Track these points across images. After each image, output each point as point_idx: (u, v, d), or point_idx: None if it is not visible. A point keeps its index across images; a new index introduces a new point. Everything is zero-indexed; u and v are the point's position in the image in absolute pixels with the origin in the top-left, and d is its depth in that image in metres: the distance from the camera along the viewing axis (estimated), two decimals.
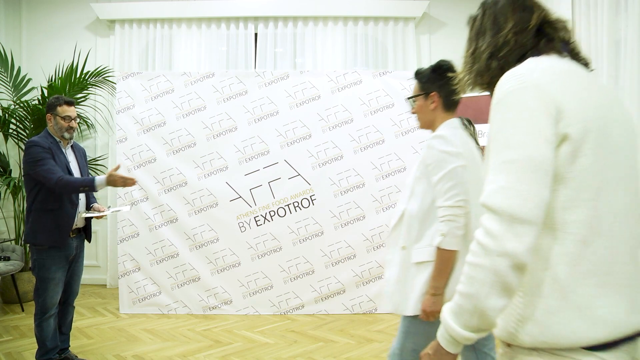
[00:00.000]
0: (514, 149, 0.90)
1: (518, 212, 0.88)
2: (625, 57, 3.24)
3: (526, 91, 0.92)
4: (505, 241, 0.88)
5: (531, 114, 0.91)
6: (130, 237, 4.11)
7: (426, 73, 1.97)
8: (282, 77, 4.18)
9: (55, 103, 2.79)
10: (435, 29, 5.14)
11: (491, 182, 0.92)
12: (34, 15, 5.14)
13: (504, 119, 0.93)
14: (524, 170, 0.89)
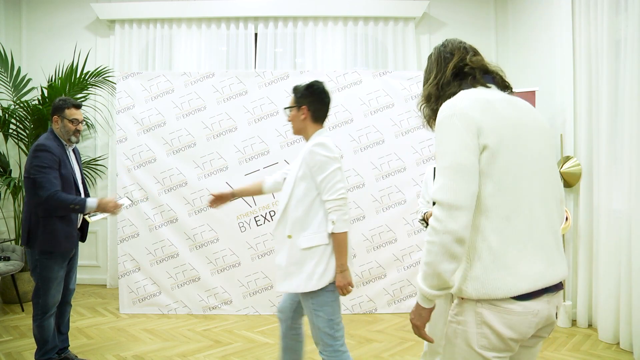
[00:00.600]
0: (447, 158, 1.25)
1: (453, 202, 1.22)
2: (625, 57, 3.24)
3: (455, 117, 1.26)
4: (447, 223, 1.22)
5: (458, 132, 1.25)
6: (130, 237, 4.11)
7: (301, 89, 2.24)
8: (282, 77, 4.18)
9: (63, 105, 2.77)
10: (435, 29, 5.14)
11: (436, 182, 1.27)
12: (34, 15, 5.14)
13: (441, 136, 1.28)
14: (454, 172, 1.23)
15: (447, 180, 1.23)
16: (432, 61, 1.47)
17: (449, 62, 1.42)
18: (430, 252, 1.25)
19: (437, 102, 1.40)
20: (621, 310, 3.24)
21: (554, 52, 4.05)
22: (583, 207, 3.69)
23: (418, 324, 1.36)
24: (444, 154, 1.26)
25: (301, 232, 2.12)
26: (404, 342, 3.47)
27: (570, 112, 3.81)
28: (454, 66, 1.40)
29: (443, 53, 1.45)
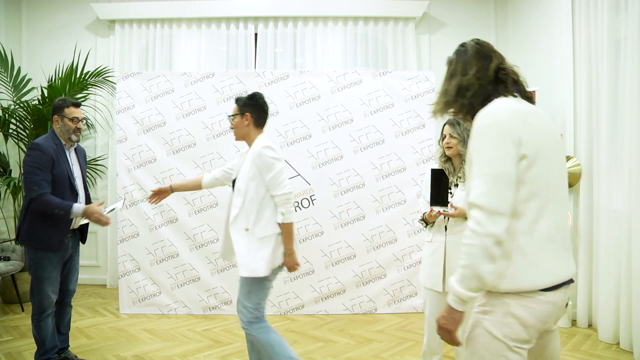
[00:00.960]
0: (490, 166, 1.34)
1: (496, 208, 1.32)
2: (625, 57, 3.24)
3: (497, 126, 1.35)
4: (489, 226, 1.31)
5: (501, 142, 1.34)
6: (130, 237, 4.11)
7: (244, 99, 2.56)
8: (282, 77, 4.18)
9: (62, 105, 2.77)
10: (435, 29, 5.14)
11: (476, 187, 1.34)
12: (34, 15, 5.14)
13: (483, 143, 1.36)
14: (497, 180, 1.33)
15: (491, 187, 1.32)
16: (470, 55, 1.49)
17: (491, 62, 1.47)
18: (471, 255, 1.33)
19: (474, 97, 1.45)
20: (621, 310, 3.24)
21: (554, 52, 4.05)
22: (583, 207, 3.68)
23: (451, 328, 1.39)
24: (487, 162, 1.34)
25: (256, 224, 2.45)
26: (404, 342, 3.47)
27: (570, 112, 3.81)
28: (496, 67, 1.46)
29: (481, 51, 1.49)
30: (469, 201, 1.36)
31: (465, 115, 1.52)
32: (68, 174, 2.76)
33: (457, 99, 1.48)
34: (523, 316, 1.37)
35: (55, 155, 2.69)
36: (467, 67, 1.48)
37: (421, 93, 4.15)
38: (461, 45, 1.55)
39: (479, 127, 1.37)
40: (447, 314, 1.39)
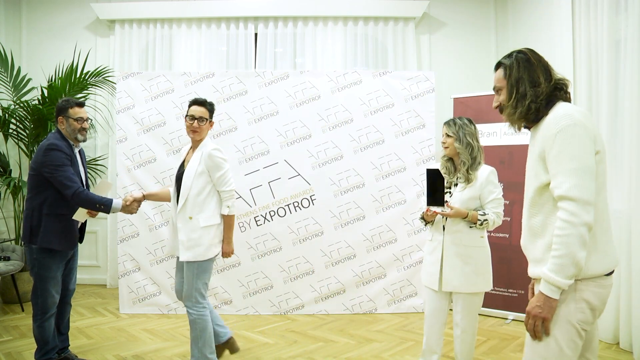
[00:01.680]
0: (577, 161, 1.46)
1: (587, 199, 1.44)
2: (625, 57, 3.24)
3: (577, 126, 1.48)
4: (583, 216, 1.44)
5: (583, 140, 1.47)
6: (130, 237, 4.11)
7: (213, 106, 2.92)
8: (282, 77, 4.18)
9: (66, 105, 2.79)
10: (435, 29, 5.14)
11: (564, 181, 1.46)
12: (34, 15, 5.14)
13: (566, 142, 1.47)
14: (585, 173, 1.45)
15: (580, 180, 1.44)
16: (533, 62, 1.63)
17: (551, 71, 1.64)
18: (568, 244, 1.44)
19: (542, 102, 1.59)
20: (621, 310, 3.24)
21: (554, 52, 4.04)
22: None
23: (548, 316, 1.49)
24: (572, 158, 1.46)
25: (200, 214, 2.73)
26: (404, 342, 3.47)
27: None
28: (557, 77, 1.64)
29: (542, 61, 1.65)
30: (557, 195, 1.47)
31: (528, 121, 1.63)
32: (79, 173, 2.82)
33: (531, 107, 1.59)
34: (593, 300, 1.50)
35: (70, 155, 2.75)
36: (535, 77, 1.61)
37: (421, 93, 4.15)
38: (518, 52, 1.67)
39: (560, 128, 1.48)
40: (543, 303, 1.48)
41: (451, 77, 4.98)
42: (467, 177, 2.49)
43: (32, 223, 2.72)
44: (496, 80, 1.69)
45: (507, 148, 4.02)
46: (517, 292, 3.92)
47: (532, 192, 1.59)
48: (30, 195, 2.75)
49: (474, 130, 2.56)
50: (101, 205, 2.71)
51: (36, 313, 2.76)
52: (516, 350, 3.29)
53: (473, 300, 2.48)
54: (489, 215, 2.43)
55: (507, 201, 4.01)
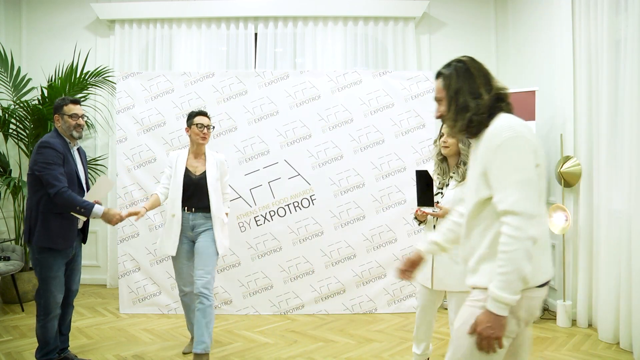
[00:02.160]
0: (520, 173, 1.42)
1: (531, 212, 1.41)
2: (625, 57, 3.23)
3: (518, 138, 1.44)
4: (528, 230, 1.39)
5: (526, 152, 1.44)
6: (130, 237, 4.11)
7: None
8: (282, 77, 4.18)
9: (61, 103, 2.82)
10: (435, 29, 5.14)
11: (509, 195, 1.41)
12: (34, 15, 5.14)
13: (509, 155, 1.43)
14: (528, 186, 1.42)
15: (524, 193, 1.41)
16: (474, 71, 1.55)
17: (492, 80, 1.55)
18: (514, 260, 1.39)
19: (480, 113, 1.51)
20: (621, 310, 3.24)
21: (554, 52, 4.04)
22: (583, 207, 3.69)
23: (500, 334, 1.43)
24: (515, 170, 1.42)
25: (222, 214, 3.16)
26: (404, 342, 3.47)
27: (570, 112, 3.81)
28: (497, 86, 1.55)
29: (482, 70, 1.56)
30: (501, 210, 1.42)
31: (471, 133, 1.56)
32: (76, 172, 2.81)
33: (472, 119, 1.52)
34: (518, 311, 1.47)
35: (64, 153, 2.74)
36: (476, 86, 1.53)
37: (421, 93, 4.15)
38: (458, 61, 1.58)
39: (502, 140, 1.44)
40: (493, 322, 1.42)
41: None
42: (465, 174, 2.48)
43: (30, 222, 2.73)
44: (436, 90, 1.62)
45: None
46: None
47: (471, 206, 1.55)
48: (29, 195, 2.77)
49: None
50: (82, 208, 2.69)
51: (39, 313, 2.75)
52: None
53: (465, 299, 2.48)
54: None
55: None
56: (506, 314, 1.42)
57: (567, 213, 3.73)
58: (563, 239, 3.87)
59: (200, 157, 3.15)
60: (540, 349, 3.30)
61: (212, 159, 3.17)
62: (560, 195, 3.88)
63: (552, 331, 3.64)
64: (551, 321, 3.84)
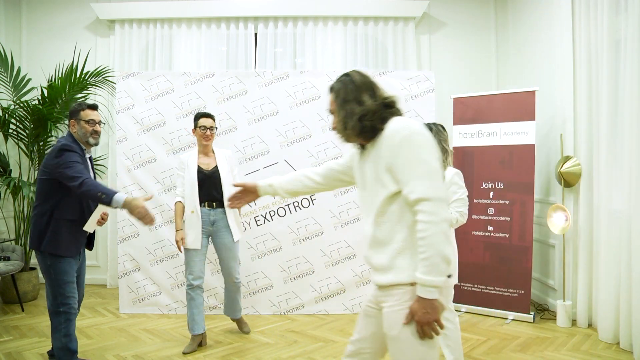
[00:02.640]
0: (426, 164, 1.51)
1: (442, 197, 1.50)
2: (625, 57, 3.24)
3: (417, 134, 1.53)
4: (442, 213, 1.48)
5: (427, 146, 1.53)
6: (130, 237, 4.11)
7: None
8: (282, 77, 4.18)
9: (78, 108, 2.75)
10: (435, 29, 5.14)
11: (418, 185, 1.50)
12: (34, 15, 5.14)
13: (412, 149, 1.52)
14: (436, 175, 1.52)
15: (432, 181, 1.50)
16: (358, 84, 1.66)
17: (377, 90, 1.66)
18: (434, 243, 1.46)
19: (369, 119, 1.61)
20: (621, 310, 3.24)
21: (554, 52, 4.04)
22: (583, 207, 3.69)
23: (437, 317, 1.50)
24: (421, 162, 1.51)
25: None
26: None
27: (570, 112, 3.81)
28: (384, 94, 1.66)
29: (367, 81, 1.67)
30: (413, 199, 1.49)
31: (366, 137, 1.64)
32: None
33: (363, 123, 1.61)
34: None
35: (82, 158, 2.69)
36: (360, 95, 1.63)
37: (421, 93, 4.15)
38: (345, 75, 1.70)
39: (402, 137, 1.53)
40: (428, 307, 1.48)
41: (451, 77, 4.98)
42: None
43: (40, 228, 2.64)
44: (329, 104, 1.73)
45: (507, 148, 4.02)
46: (517, 292, 3.92)
47: (379, 202, 1.58)
48: (40, 201, 2.67)
49: (446, 136, 2.76)
50: (102, 194, 2.53)
51: (59, 322, 2.63)
52: (516, 350, 3.29)
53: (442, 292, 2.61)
54: (452, 215, 2.59)
55: (507, 201, 4.02)
56: (437, 296, 1.49)
57: (567, 213, 3.73)
58: (563, 239, 3.87)
59: (209, 155, 3.40)
60: (540, 349, 3.30)
61: (220, 154, 3.42)
62: (560, 195, 3.88)
63: (552, 331, 3.64)
64: (551, 321, 3.84)
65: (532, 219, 3.91)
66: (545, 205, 4.16)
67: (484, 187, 4.11)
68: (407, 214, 1.54)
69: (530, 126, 3.91)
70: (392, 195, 1.56)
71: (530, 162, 3.91)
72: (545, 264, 4.23)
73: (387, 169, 1.56)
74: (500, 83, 5.09)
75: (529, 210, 3.91)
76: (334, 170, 1.96)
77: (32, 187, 4.23)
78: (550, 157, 4.13)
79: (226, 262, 3.40)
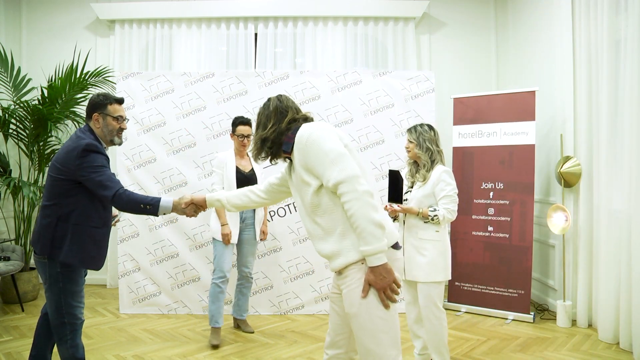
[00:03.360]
0: (331, 152, 1.68)
1: (354, 174, 1.65)
2: (625, 57, 3.24)
3: (314, 132, 1.73)
4: (359, 187, 1.63)
5: (326, 136, 1.72)
6: (130, 237, 4.11)
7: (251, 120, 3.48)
8: (282, 77, 4.18)
9: (105, 101, 2.40)
10: (435, 29, 5.14)
11: (332, 172, 1.66)
12: (34, 15, 5.14)
13: (315, 146, 1.71)
14: (342, 157, 1.67)
15: (341, 164, 1.65)
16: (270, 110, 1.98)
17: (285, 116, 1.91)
18: (362, 215, 1.61)
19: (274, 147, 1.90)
20: (621, 310, 3.24)
21: (554, 52, 4.04)
22: (583, 207, 3.69)
23: (392, 278, 1.65)
24: (326, 152, 1.68)
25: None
26: (404, 342, 3.46)
27: (570, 112, 3.81)
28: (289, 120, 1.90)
29: (279, 107, 1.96)
30: (332, 185, 1.65)
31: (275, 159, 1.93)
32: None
33: (263, 147, 1.90)
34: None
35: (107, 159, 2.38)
36: (267, 122, 1.93)
37: (421, 93, 4.15)
38: (268, 100, 2.01)
39: (305, 141, 1.73)
40: (382, 272, 1.63)
41: (451, 77, 4.98)
42: (425, 176, 2.78)
43: (55, 234, 2.28)
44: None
45: (507, 148, 4.02)
46: (517, 292, 3.92)
47: (309, 198, 1.76)
48: (54, 202, 2.30)
49: (434, 136, 2.85)
50: (147, 205, 2.29)
51: (64, 333, 2.36)
52: (516, 350, 3.29)
53: (430, 290, 2.73)
54: (438, 212, 2.70)
55: (507, 201, 4.02)
56: (386, 260, 1.63)
57: (567, 213, 3.73)
58: (563, 239, 3.87)
59: (244, 157, 3.59)
60: (540, 349, 3.30)
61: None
62: (560, 195, 3.88)
63: (552, 331, 3.64)
64: (551, 321, 3.84)
65: (532, 219, 3.91)
66: (545, 205, 4.15)
67: (484, 187, 4.11)
68: (337, 200, 1.69)
69: (530, 126, 3.91)
70: (317, 189, 1.73)
71: (530, 162, 3.91)
72: (545, 264, 4.23)
73: (305, 169, 1.74)
74: (500, 83, 5.09)
75: (529, 210, 3.91)
76: (273, 185, 2.13)
77: (32, 187, 4.23)
78: (550, 157, 4.13)
79: (245, 256, 3.61)
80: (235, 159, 3.53)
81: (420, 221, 2.76)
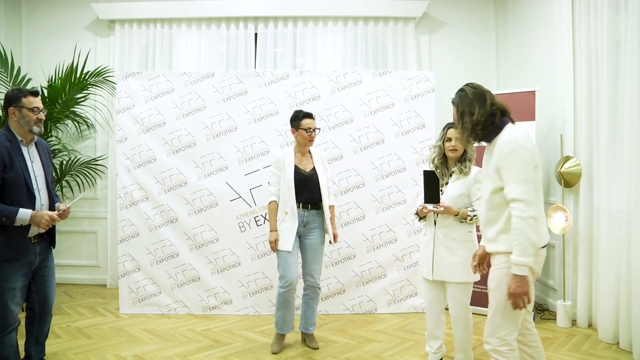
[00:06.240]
0: (522, 174, 2.01)
1: (530, 200, 1.99)
2: (625, 57, 3.24)
3: (520, 149, 2.03)
4: (530, 211, 1.98)
5: (526, 158, 2.03)
6: (130, 237, 4.11)
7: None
8: (282, 77, 4.18)
9: (19, 95, 2.51)
10: (435, 29, 5.14)
11: (514, 188, 2.01)
12: (34, 15, 5.14)
13: (514, 160, 2.02)
14: (527, 182, 2.01)
15: (525, 187, 1.99)
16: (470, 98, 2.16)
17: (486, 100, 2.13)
18: (523, 232, 1.97)
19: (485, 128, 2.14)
20: (621, 310, 3.24)
21: (554, 52, 4.04)
22: (583, 207, 3.69)
23: (527, 289, 1.99)
24: (519, 172, 2.01)
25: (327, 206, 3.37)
26: (404, 342, 3.47)
27: (570, 112, 3.81)
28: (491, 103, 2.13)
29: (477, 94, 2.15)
30: (510, 198, 2.01)
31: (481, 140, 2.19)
32: (24, 176, 2.49)
33: (477, 131, 2.14)
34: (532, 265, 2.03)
35: (8, 157, 2.43)
36: (472, 108, 2.14)
37: (421, 93, 4.15)
38: (461, 90, 2.21)
39: (509, 150, 2.03)
40: (520, 282, 1.98)
41: (451, 77, 4.97)
42: (470, 168, 2.74)
43: None
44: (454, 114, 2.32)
45: None
46: None
47: (488, 193, 2.14)
48: None
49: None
50: (3, 216, 2.36)
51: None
52: None
53: (461, 290, 2.74)
54: (478, 212, 2.67)
55: None
56: (527, 273, 1.97)
57: (567, 213, 3.73)
58: (563, 239, 3.87)
59: (306, 155, 3.32)
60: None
61: (317, 155, 3.35)
62: (560, 195, 3.88)
63: (552, 331, 3.64)
64: (551, 321, 3.84)
65: None
66: (545, 205, 4.15)
67: None
68: (506, 206, 2.06)
69: (530, 126, 3.90)
70: (498, 189, 2.08)
71: None
72: (545, 264, 4.21)
73: (496, 168, 2.06)
74: (500, 83, 5.09)
75: None
76: None
77: None
78: (550, 157, 4.13)
79: (310, 264, 3.30)
80: (295, 157, 3.28)
81: (455, 221, 2.71)
